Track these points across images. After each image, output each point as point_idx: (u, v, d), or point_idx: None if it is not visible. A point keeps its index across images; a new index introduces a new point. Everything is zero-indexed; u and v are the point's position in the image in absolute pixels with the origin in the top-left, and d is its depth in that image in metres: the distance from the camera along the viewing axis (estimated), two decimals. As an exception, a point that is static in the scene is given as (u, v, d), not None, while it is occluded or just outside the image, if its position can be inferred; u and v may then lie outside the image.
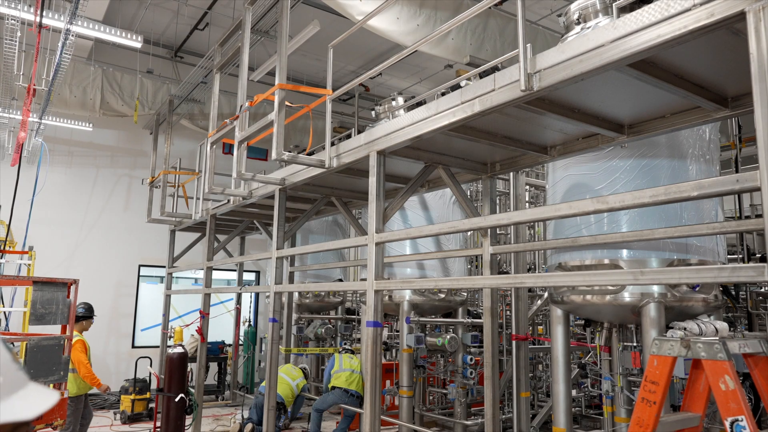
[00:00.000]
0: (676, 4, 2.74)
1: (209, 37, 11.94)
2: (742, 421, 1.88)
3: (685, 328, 2.66)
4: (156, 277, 12.98)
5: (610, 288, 4.71)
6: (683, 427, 2.30)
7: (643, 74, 3.35)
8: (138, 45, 7.97)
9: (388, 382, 8.60)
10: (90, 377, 6.25)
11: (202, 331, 8.27)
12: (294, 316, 10.68)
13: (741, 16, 2.53)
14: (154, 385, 9.51)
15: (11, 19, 5.64)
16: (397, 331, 8.88)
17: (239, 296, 11.99)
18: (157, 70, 12.61)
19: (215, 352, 11.32)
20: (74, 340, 6.18)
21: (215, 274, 9.87)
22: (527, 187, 8.94)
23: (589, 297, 4.91)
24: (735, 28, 2.76)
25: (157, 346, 11.27)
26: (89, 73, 10.88)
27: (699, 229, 3.91)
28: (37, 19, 4.96)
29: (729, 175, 2.51)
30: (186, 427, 7.23)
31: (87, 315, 6.65)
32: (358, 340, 10.46)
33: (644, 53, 2.97)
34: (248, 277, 14.13)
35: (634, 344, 5.10)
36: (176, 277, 12.83)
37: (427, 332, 8.04)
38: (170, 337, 7.34)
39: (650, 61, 3.31)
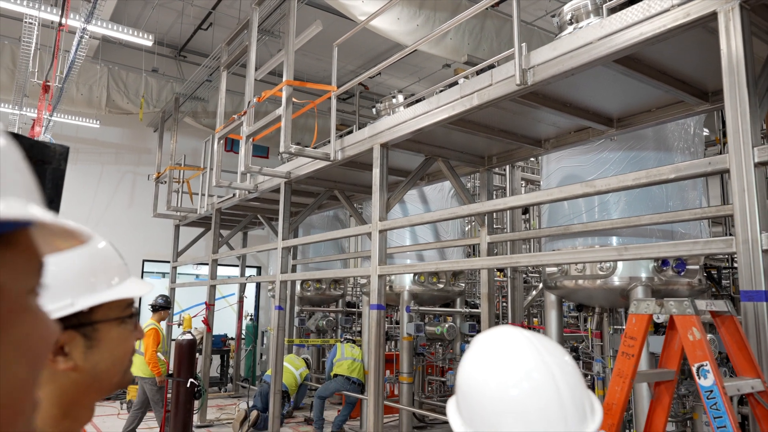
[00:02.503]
0: (657, 5, 3.03)
1: (213, 37, 12.20)
2: (706, 365, 2.16)
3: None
4: (158, 272, 13.22)
5: (601, 273, 4.99)
6: (659, 379, 2.58)
7: (628, 70, 3.64)
8: (149, 43, 8.24)
9: (388, 372, 8.88)
10: (152, 363, 6.67)
11: (208, 321, 8.53)
12: (296, 308, 10.94)
13: (714, 16, 2.82)
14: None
15: (29, 19, 5.90)
16: (398, 322, 9.16)
17: (244, 288, 12.24)
18: (162, 68, 12.86)
19: (218, 345, 11.57)
20: (149, 328, 6.74)
21: (217, 270, 10.13)
22: (523, 182, 9.23)
23: (581, 281, 5.18)
24: (710, 26, 3.04)
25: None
26: (96, 72, 11.13)
27: (682, 215, 4.20)
28: (62, 19, 5.22)
29: (702, 159, 2.80)
30: (194, 412, 7.49)
31: (164, 306, 7.03)
32: (359, 332, 10.72)
33: (628, 50, 3.26)
34: (249, 272, 14.38)
35: (624, 327, 5.38)
36: (178, 273, 13.08)
37: (426, 321, 8.32)
38: (179, 324, 7.60)
39: (635, 58, 3.60)
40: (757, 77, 2.85)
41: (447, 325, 7.82)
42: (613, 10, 4.56)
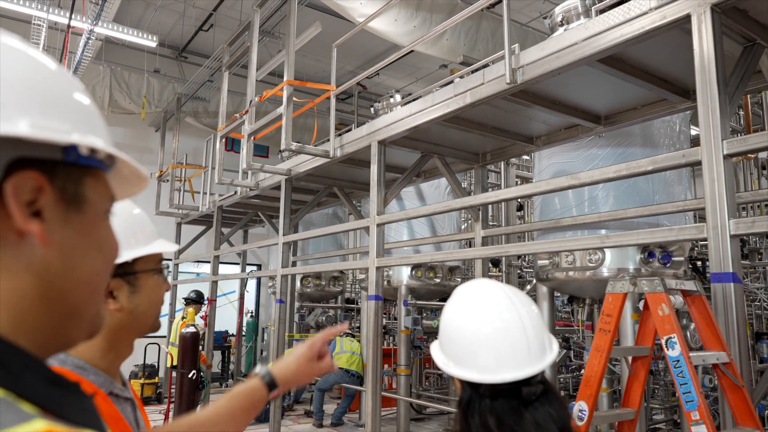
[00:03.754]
0: (636, 8, 3.24)
1: (214, 38, 12.39)
2: (674, 338, 2.36)
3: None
4: (160, 270, 13.37)
5: (590, 265, 5.19)
6: (635, 354, 2.78)
7: (612, 69, 3.84)
8: (153, 44, 8.43)
9: (386, 366, 9.08)
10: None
11: (208, 316, 8.75)
12: (296, 304, 11.13)
13: (688, 19, 3.02)
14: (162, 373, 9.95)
15: (37, 21, 6.10)
16: (395, 318, 9.35)
17: (245, 284, 12.43)
18: (163, 69, 13.04)
19: (219, 341, 11.76)
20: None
21: (218, 268, 10.32)
22: (517, 179, 9.44)
23: (571, 273, 5.39)
24: (686, 28, 3.24)
25: (164, 336, 11.69)
26: (98, 72, 11.31)
27: (665, 207, 4.40)
28: (70, 21, 5.42)
29: (677, 152, 3.00)
30: (198, 403, 7.68)
31: (196, 300, 7.28)
32: (357, 328, 10.92)
33: (611, 50, 3.47)
34: (249, 269, 14.57)
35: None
36: (179, 272, 13.26)
37: (423, 316, 8.51)
38: (183, 318, 7.82)
39: (618, 57, 3.80)
40: (729, 76, 3.06)
41: (443, 319, 8.02)
42: (602, 12, 4.80)
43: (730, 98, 2.92)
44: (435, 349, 1.29)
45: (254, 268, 14.76)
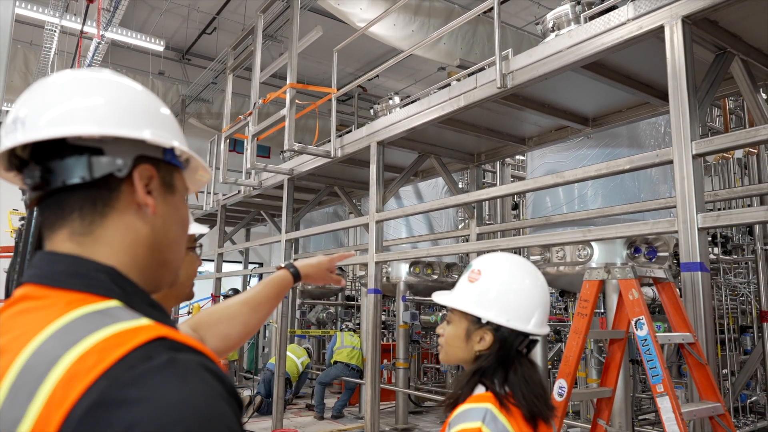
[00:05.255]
0: (615, 18, 3.49)
1: (217, 41, 12.65)
2: (642, 319, 2.61)
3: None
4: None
5: (580, 260, 5.44)
6: (611, 337, 3.04)
7: (596, 74, 4.10)
8: (160, 48, 8.69)
9: (385, 360, 9.33)
10: None
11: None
12: (297, 301, 11.40)
13: (662, 29, 3.28)
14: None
15: (50, 27, 6.36)
16: (394, 314, 9.60)
17: (248, 281, 12.67)
18: (167, 71, 13.31)
19: (222, 337, 11.98)
20: None
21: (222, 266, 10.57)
22: (512, 179, 9.69)
23: (562, 268, 5.64)
24: (661, 37, 3.50)
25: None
26: (104, 75, 11.57)
27: (648, 204, 4.66)
28: (83, 27, 5.68)
29: (651, 152, 3.26)
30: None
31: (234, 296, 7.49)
32: (358, 325, 11.17)
33: (593, 57, 3.72)
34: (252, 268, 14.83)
35: (602, 311, 5.84)
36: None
37: (421, 311, 8.77)
38: (189, 312, 8.06)
39: (601, 64, 4.06)
40: (701, 82, 3.31)
41: (441, 314, 8.27)
42: (591, 19, 5.06)
43: (700, 103, 3.17)
44: (476, 307, 1.48)
45: (256, 266, 15.02)
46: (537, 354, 6.09)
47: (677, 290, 2.86)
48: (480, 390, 1.41)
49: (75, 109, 0.73)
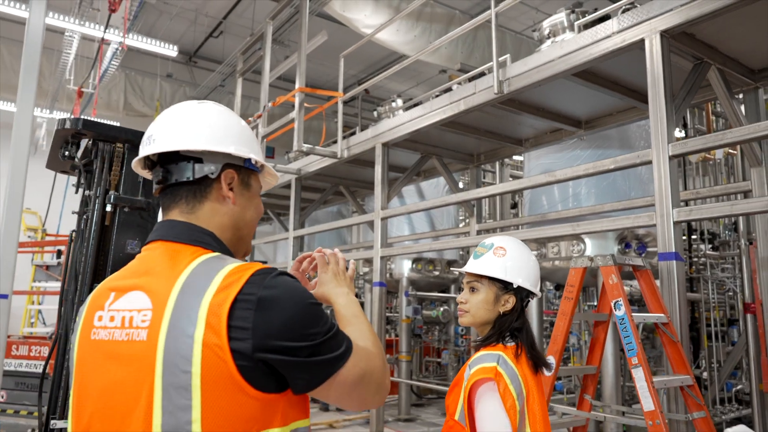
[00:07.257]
0: (601, 31, 3.83)
1: (224, 44, 12.98)
2: (620, 301, 2.93)
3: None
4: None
5: (574, 255, 5.77)
6: (596, 320, 3.37)
7: (586, 82, 4.42)
8: (173, 53, 9.01)
9: (388, 355, 9.65)
10: None
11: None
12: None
13: (642, 42, 3.60)
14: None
15: (69, 34, 6.70)
16: (397, 311, 9.92)
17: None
18: (174, 74, 13.64)
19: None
20: None
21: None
22: (511, 179, 10.02)
23: (557, 263, 5.96)
24: (643, 48, 3.83)
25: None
26: (114, 77, 11.91)
27: (636, 202, 4.98)
28: (104, 35, 6.02)
29: (633, 153, 3.59)
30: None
31: None
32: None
33: (583, 66, 4.05)
34: (256, 266, 15.12)
35: (595, 303, 6.16)
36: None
37: (423, 306, 9.09)
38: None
39: (590, 72, 4.38)
40: (678, 89, 3.64)
41: (442, 309, 8.61)
42: (585, 27, 5.39)
43: (677, 108, 3.50)
44: (511, 276, 1.82)
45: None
46: (533, 313, 6.40)
47: (653, 277, 3.19)
48: (510, 342, 1.77)
49: (185, 131, 1.11)
